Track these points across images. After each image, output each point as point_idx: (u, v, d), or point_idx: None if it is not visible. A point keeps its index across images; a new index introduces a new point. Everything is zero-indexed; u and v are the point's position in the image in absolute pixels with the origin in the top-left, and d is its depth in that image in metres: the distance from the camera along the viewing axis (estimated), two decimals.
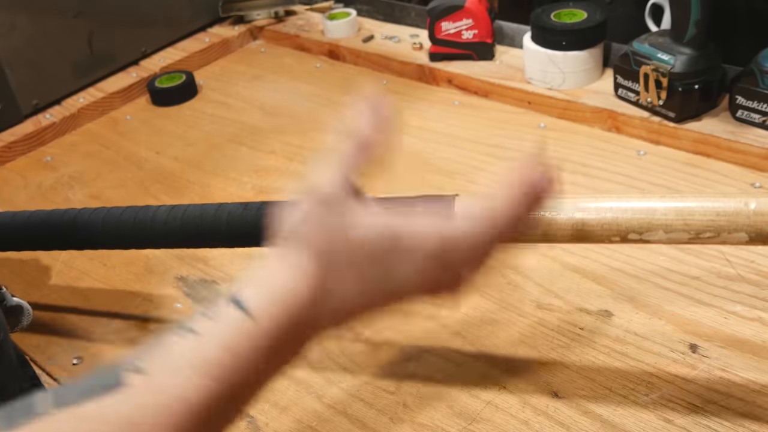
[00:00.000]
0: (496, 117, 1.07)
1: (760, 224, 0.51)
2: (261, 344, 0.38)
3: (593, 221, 0.55)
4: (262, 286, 0.40)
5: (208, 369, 0.37)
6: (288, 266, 0.40)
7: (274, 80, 1.27)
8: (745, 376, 0.64)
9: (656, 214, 0.53)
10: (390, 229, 0.42)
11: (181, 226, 0.67)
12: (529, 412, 0.63)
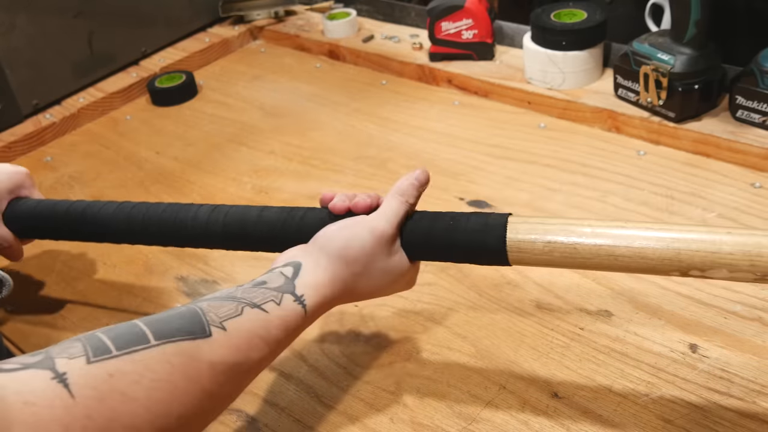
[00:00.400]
0: (496, 117, 1.07)
1: None
2: (303, 327, 0.55)
3: (654, 254, 0.53)
4: (316, 289, 0.56)
5: (270, 341, 0.52)
6: (335, 278, 0.58)
7: (274, 80, 1.27)
8: (745, 376, 0.64)
9: (722, 251, 0.51)
10: (404, 273, 0.62)
11: (223, 228, 0.67)
12: (529, 412, 0.63)
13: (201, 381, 0.46)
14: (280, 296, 0.54)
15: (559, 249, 0.56)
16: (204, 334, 0.47)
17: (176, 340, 0.46)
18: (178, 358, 0.45)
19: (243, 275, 0.84)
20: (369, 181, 0.97)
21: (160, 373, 0.44)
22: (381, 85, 1.20)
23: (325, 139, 1.08)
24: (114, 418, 0.41)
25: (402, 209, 0.61)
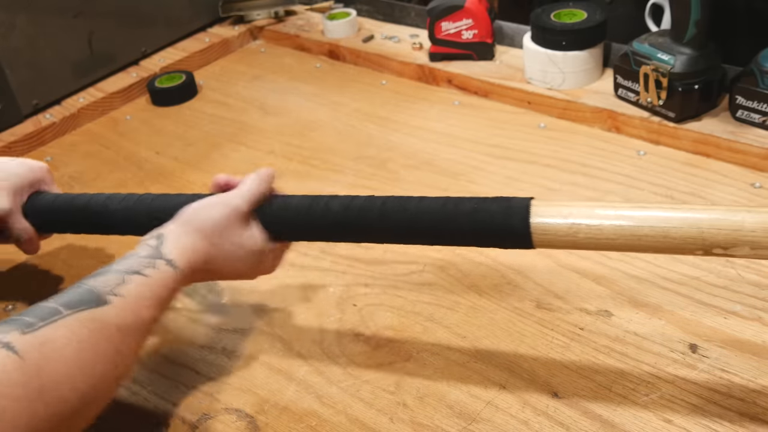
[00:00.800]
0: (496, 117, 1.07)
1: None
2: (178, 287, 0.62)
3: (677, 233, 0.54)
4: (181, 254, 0.63)
5: (156, 300, 0.59)
6: (195, 245, 0.64)
7: (274, 80, 1.27)
8: (745, 376, 0.64)
9: (744, 229, 0.52)
10: (261, 251, 0.68)
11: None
12: (529, 412, 0.63)
13: (113, 341, 0.53)
14: (153, 262, 0.61)
15: (583, 230, 0.57)
16: (104, 303, 0.55)
17: (83, 309, 0.53)
18: (93, 324, 0.52)
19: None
20: (369, 181, 0.97)
21: (80, 336, 0.51)
22: (381, 85, 1.20)
23: (325, 139, 1.08)
24: (57, 379, 0.47)
25: (258, 189, 0.67)
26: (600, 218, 0.56)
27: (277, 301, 0.79)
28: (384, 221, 0.65)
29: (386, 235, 0.67)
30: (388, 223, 0.65)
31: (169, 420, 0.67)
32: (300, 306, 0.78)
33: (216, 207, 0.66)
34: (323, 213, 0.67)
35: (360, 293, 0.79)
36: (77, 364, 0.49)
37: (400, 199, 0.65)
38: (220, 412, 0.67)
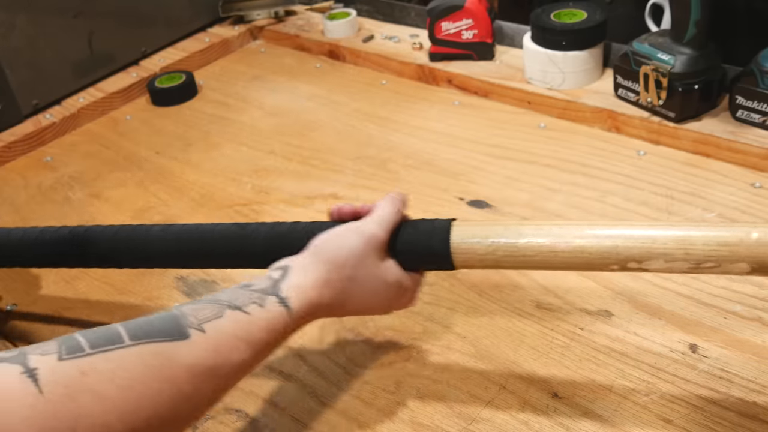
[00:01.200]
0: (496, 117, 1.07)
1: (762, 255, 0.50)
2: (289, 332, 0.54)
3: (592, 248, 0.55)
4: (301, 291, 0.55)
5: (253, 343, 0.50)
6: (322, 280, 0.56)
7: (274, 80, 1.27)
8: (745, 376, 0.64)
9: (656, 242, 0.53)
10: (400, 283, 0.61)
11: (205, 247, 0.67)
12: (529, 412, 0.63)
13: (177, 383, 0.45)
14: (263, 298, 0.53)
15: (502, 248, 0.58)
16: (182, 336, 0.47)
17: (152, 341, 0.45)
18: (154, 359, 0.45)
19: (241, 274, 0.84)
20: (369, 181, 0.97)
21: (133, 373, 0.43)
22: (381, 85, 1.20)
23: (325, 139, 1.08)
24: (82, 415, 0.40)
25: (394, 216, 0.61)
26: (516, 236, 0.57)
27: None
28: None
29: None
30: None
31: None
32: None
33: (349, 235, 0.59)
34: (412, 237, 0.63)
35: None
36: (116, 405, 0.42)
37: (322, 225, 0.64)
38: (220, 412, 0.67)
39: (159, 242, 0.68)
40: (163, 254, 0.68)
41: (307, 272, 0.56)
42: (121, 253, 0.70)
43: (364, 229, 0.59)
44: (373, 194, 0.93)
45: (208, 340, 0.48)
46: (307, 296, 0.55)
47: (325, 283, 0.56)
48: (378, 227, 0.59)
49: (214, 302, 0.51)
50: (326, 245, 0.58)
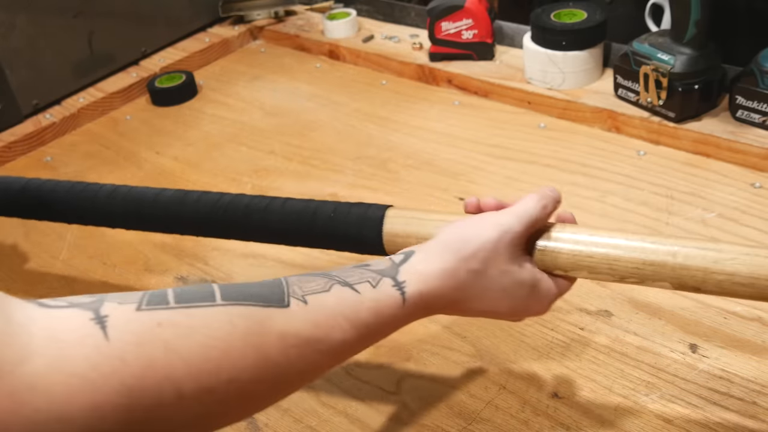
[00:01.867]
0: (496, 117, 1.07)
1: (683, 277, 0.51)
2: (401, 320, 0.50)
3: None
4: (421, 278, 0.50)
5: (357, 324, 0.47)
6: (446, 270, 0.50)
7: (274, 80, 1.27)
8: (745, 376, 0.64)
9: (582, 255, 0.54)
10: (535, 286, 0.54)
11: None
12: (529, 412, 0.63)
13: (265, 349, 0.42)
14: (378, 278, 0.49)
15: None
16: (280, 304, 0.44)
17: (246, 304, 0.43)
18: (243, 321, 0.42)
19: (242, 275, 0.84)
20: (369, 181, 0.97)
21: (216, 332, 0.41)
22: (381, 85, 1.20)
23: (325, 139, 1.08)
24: (150, 366, 0.38)
25: (539, 212, 0.55)
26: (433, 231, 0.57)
27: None
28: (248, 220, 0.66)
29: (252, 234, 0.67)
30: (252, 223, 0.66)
31: None
32: None
33: (484, 225, 0.53)
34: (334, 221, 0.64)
35: None
36: (190, 362, 0.39)
37: (264, 200, 0.66)
38: None
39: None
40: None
41: (431, 259, 0.51)
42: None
43: (501, 220, 0.53)
44: (373, 194, 0.93)
45: (309, 312, 0.45)
46: (426, 284, 0.50)
47: (450, 273, 0.51)
48: (517, 220, 0.53)
49: (324, 276, 0.48)
50: (457, 233, 0.53)
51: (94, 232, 0.93)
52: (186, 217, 0.68)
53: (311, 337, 0.44)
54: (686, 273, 0.51)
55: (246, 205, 0.66)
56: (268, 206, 0.65)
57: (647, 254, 0.52)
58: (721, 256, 0.50)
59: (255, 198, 0.66)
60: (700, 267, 0.50)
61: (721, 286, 0.51)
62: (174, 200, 0.69)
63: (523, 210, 0.54)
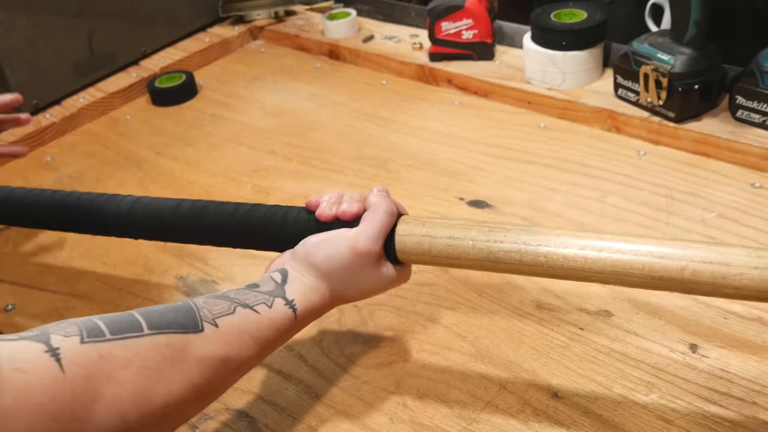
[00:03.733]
0: (496, 117, 1.07)
1: (692, 291, 0.52)
2: (294, 331, 0.58)
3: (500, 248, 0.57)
4: (304, 297, 0.59)
5: (260, 340, 0.54)
6: (318, 285, 0.60)
7: (274, 80, 1.27)
8: (745, 376, 0.64)
9: (540, 251, 0.56)
10: (394, 280, 0.63)
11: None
12: (529, 412, 0.63)
13: (189, 373, 0.48)
14: (271, 299, 0.56)
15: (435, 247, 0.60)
16: (196, 329, 0.50)
17: (168, 331, 0.48)
18: (169, 350, 0.47)
19: (241, 275, 0.84)
20: (369, 181, 0.97)
21: (149, 362, 0.46)
22: (381, 85, 1.20)
23: (325, 139, 1.08)
24: (97, 399, 0.42)
25: (386, 224, 0.61)
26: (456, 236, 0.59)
27: None
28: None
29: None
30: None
31: None
32: None
33: (341, 248, 0.60)
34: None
35: None
36: (131, 390, 0.44)
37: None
38: (220, 412, 0.67)
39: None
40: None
41: (304, 278, 0.60)
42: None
43: (357, 246, 0.59)
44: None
45: (221, 335, 0.51)
46: (309, 299, 0.59)
47: (321, 289, 0.60)
48: (372, 244, 0.60)
49: (226, 299, 0.54)
50: (316, 254, 0.60)
51: None
52: (208, 228, 0.68)
53: (225, 357, 0.51)
54: (695, 287, 0.51)
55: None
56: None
57: (655, 269, 0.52)
58: (729, 271, 0.50)
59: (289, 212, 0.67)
60: (708, 282, 0.51)
61: (730, 297, 0.51)
62: (194, 211, 0.69)
63: (373, 229, 0.60)
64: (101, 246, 0.92)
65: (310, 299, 0.59)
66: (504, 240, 0.57)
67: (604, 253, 0.53)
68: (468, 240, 0.58)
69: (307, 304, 0.59)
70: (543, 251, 0.55)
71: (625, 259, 0.53)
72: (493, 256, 0.57)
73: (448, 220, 0.61)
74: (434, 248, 0.59)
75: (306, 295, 0.59)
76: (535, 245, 0.56)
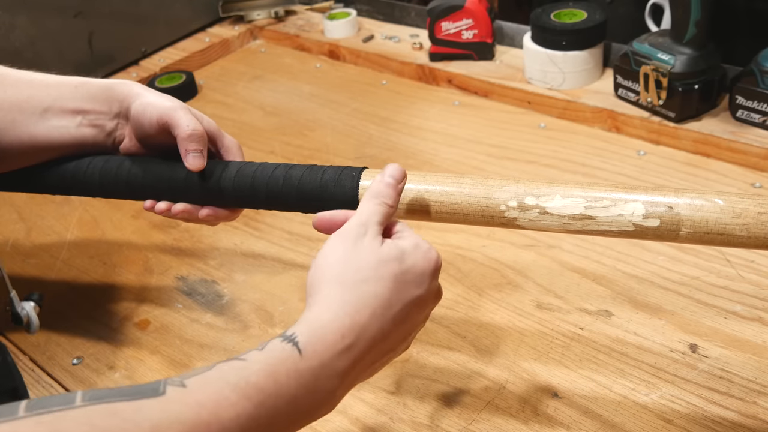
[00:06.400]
0: (496, 117, 1.07)
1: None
2: (303, 377, 0.43)
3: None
4: (308, 323, 0.45)
5: (248, 390, 0.40)
6: (327, 299, 0.46)
7: (274, 80, 1.27)
8: (745, 376, 0.64)
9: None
10: (415, 308, 0.49)
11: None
12: (529, 412, 0.63)
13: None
14: (264, 344, 0.44)
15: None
16: (155, 394, 0.39)
17: (111, 401, 0.38)
18: (105, 420, 0.37)
19: (242, 275, 0.84)
20: None
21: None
22: (381, 85, 1.20)
23: (325, 139, 1.08)
24: None
25: (378, 211, 0.52)
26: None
27: (277, 301, 0.79)
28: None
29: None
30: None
31: None
32: (300, 306, 0.78)
33: (334, 248, 0.49)
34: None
35: None
36: None
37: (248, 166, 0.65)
38: None
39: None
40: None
41: (311, 304, 0.47)
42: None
43: (346, 241, 0.49)
44: None
45: (188, 394, 0.39)
46: (319, 321, 0.45)
47: (332, 301, 0.46)
48: (365, 229, 0.50)
49: (211, 366, 0.42)
50: (324, 271, 0.48)
51: (94, 231, 0.94)
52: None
53: (197, 420, 0.38)
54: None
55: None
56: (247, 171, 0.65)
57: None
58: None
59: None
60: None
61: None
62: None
63: (364, 215, 0.51)
64: (101, 246, 0.92)
65: (320, 321, 0.45)
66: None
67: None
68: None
69: (317, 330, 0.44)
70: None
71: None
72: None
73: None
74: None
75: (313, 321, 0.45)
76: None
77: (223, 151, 0.68)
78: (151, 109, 0.63)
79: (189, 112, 0.63)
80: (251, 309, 0.79)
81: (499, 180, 0.56)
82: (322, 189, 0.60)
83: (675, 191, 0.51)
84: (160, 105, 0.63)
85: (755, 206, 0.48)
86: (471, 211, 0.56)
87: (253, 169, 0.64)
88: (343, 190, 0.59)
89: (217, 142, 0.67)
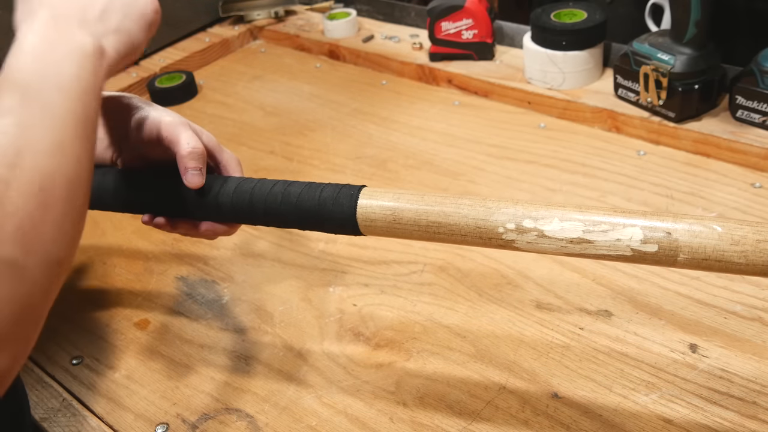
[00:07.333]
0: (496, 117, 1.07)
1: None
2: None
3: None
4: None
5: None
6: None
7: (274, 80, 1.27)
8: (745, 376, 0.64)
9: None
10: None
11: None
12: (529, 412, 0.63)
13: None
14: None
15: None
16: None
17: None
18: None
19: (242, 275, 0.84)
20: (369, 181, 0.97)
21: None
22: (381, 85, 1.20)
23: (325, 139, 1.08)
24: None
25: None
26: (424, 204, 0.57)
27: (277, 301, 0.79)
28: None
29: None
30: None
31: (169, 420, 0.67)
32: (300, 306, 0.78)
33: None
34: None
35: (360, 293, 0.79)
36: None
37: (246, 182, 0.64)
38: (220, 412, 0.67)
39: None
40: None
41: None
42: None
43: None
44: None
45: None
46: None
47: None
48: None
49: None
50: None
51: (94, 232, 0.94)
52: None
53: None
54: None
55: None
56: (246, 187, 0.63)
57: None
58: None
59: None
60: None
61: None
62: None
63: None
64: (101, 246, 0.92)
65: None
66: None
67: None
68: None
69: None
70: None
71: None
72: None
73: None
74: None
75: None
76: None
77: (222, 166, 0.68)
78: (151, 124, 0.63)
79: (189, 128, 0.64)
80: (251, 309, 0.79)
81: (498, 201, 0.56)
82: (320, 207, 0.60)
83: (674, 216, 0.51)
84: (160, 120, 0.63)
85: (754, 234, 0.48)
86: (469, 233, 0.56)
87: (251, 185, 0.64)
88: (341, 208, 0.59)
89: (216, 157, 0.68)
